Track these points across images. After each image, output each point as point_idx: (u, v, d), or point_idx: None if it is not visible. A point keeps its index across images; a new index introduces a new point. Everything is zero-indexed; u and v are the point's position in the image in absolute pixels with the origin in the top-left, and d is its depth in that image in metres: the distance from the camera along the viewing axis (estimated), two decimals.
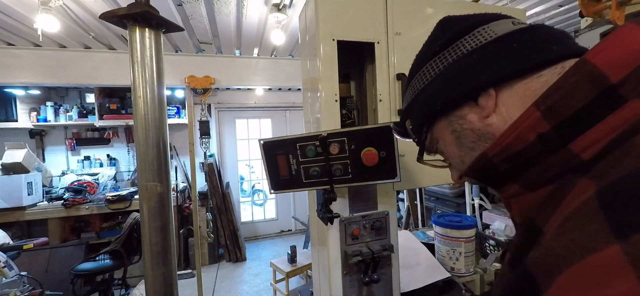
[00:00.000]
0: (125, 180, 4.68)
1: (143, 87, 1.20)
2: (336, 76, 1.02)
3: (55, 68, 3.31)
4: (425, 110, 0.49)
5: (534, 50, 0.40)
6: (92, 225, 4.11)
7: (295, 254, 3.29)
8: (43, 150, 4.46)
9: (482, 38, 0.44)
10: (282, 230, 5.85)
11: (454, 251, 1.54)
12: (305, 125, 1.27)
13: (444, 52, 0.47)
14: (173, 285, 1.31)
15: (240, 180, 5.68)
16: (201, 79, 3.63)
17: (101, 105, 4.25)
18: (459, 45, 0.45)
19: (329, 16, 1.01)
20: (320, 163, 0.92)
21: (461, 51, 0.45)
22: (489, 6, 1.25)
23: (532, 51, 0.40)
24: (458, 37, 0.46)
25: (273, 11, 2.66)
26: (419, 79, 0.50)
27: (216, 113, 5.30)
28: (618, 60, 0.33)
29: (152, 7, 1.18)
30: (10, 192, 3.56)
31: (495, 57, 0.42)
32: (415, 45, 1.11)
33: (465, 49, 0.44)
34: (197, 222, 3.61)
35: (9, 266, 2.29)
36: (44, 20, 2.19)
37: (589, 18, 1.61)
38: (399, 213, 4.10)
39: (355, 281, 1.07)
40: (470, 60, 0.43)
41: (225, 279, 4.13)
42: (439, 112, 0.48)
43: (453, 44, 0.46)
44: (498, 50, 0.42)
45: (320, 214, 1.00)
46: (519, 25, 0.43)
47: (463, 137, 0.46)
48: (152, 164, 1.22)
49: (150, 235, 1.24)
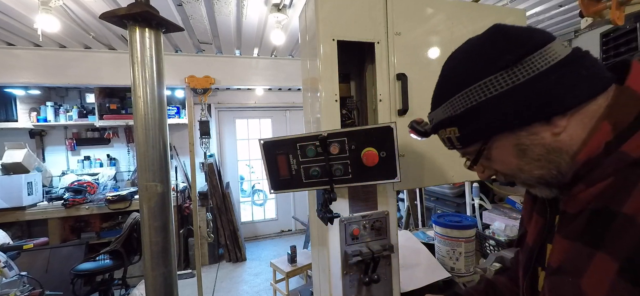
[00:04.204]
0: (125, 180, 4.68)
1: (143, 87, 1.20)
2: (336, 76, 1.02)
3: (55, 68, 3.30)
4: (498, 127, 0.51)
5: (599, 77, 0.48)
6: (92, 225, 4.12)
7: (295, 254, 3.29)
8: (43, 150, 4.46)
9: (550, 59, 0.47)
10: (282, 230, 5.85)
11: (454, 251, 1.54)
12: (305, 125, 1.27)
13: (513, 68, 0.48)
14: (173, 285, 1.31)
15: (240, 180, 5.68)
16: (201, 79, 3.63)
17: (101, 105, 4.25)
18: (530, 62, 0.48)
19: (329, 16, 1.01)
20: (321, 163, 0.92)
21: (533, 70, 0.47)
22: (489, 6, 1.26)
23: (598, 79, 0.48)
24: (529, 53, 0.48)
25: (273, 11, 2.66)
26: (480, 89, 0.51)
27: (216, 113, 5.30)
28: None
29: (152, 7, 1.18)
30: (10, 192, 3.56)
31: (572, 81, 0.47)
32: (415, 45, 1.11)
33: (537, 68, 0.47)
34: (197, 222, 3.61)
35: (9, 266, 2.29)
36: (44, 20, 2.19)
37: (589, 18, 1.60)
38: (399, 213, 4.10)
39: (355, 281, 1.07)
40: (549, 81, 0.47)
41: (225, 279, 4.13)
42: (511, 127, 0.50)
43: (523, 60, 0.48)
44: (571, 74, 0.47)
45: (320, 214, 1.00)
46: (568, 47, 0.50)
47: (530, 150, 0.51)
48: (152, 164, 1.22)
49: (150, 235, 1.24)
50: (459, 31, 1.15)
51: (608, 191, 0.46)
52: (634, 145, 0.44)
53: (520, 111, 0.48)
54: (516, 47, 0.49)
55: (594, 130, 0.48)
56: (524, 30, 0.52)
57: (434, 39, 1.13)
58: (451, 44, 1.15)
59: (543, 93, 0.47)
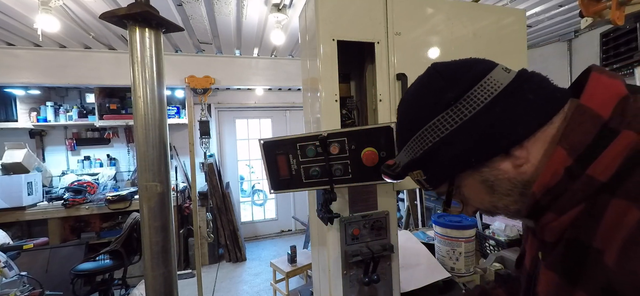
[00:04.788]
0: (125, 180, 4.68)
1: (143, 87, 1.20)
2: (336, 76, 1.02)
3: (55, 68, 3.31)
4: (456, 165, 0.50)
5: (548, 99, 0.47)
6: (92, 225, 4.12)
7: (295, 254, 3.29)
8: (43, 150, 4.46)
9: (491, 89, 0.47)
10: (282, 230, 5.85)
11: (454, 251, 1.54)
12: (305, 125, 1.27)
13: (457, 104, 0.48)
14: (173, 285, 1.31)
15: (240, 180, 5.68)
16: (201, 79, 3.63)
17: (101, 105, 4.25)
18: (472, 97, 0.47)
19: (329, 16, 1.01)
20: (320, 163, 0.92)
21: (477, 103, 0.47)
22: (489, 6, 1.26)
23: (547, 101, 0.47)
24: (469, 88, 0.47)
25: (273, 11, 2.66)
26: (430, 132, 0.50)
27: (216, 113, 5.30)
28: (604, 102, 0.44)
29: (152, 7, 1.18)
30: (10, 192, 3.56)
31: (520, 109, 0.46)
32: (415, 45, 1.11)
33: (481, 102, 0.46)
34: (197, 222, 3.61)
35: (9, 266, 2.29)
36: (44, 20, 2.19)
37: (589, 18, 1.60)
38: (399, 213, 4.11)
39: (355, 281, 1.07)
40: (496, 114, 0.46)
41: (225, 279, 4.13)
42: (470, 165, 0.49)
43: (465, 96, 0.47)
44: (518, 102, 0.46)
45: (320, 214, 1.00)
46: (508, 70, 0.49)
47: (497, 186, 0.50)
48: (152, 164, 1.22)
49: (150, 235, 1.24)
50: (459, 31, 1.15)
51: (580, 219, 0.44)
52: (599, 169, 0.42)
53: (474, 148, 0.48)
54: (454, 84, 0.49)
55: (548, 157, 0.46)
56: (461, 65, 0.51)
57: (434, 39, 1.13)
58: (451, 44, 1.16)
59: (492, 126, 0.46)
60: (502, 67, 0.49)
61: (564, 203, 0.45)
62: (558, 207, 0.46)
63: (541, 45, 3.99)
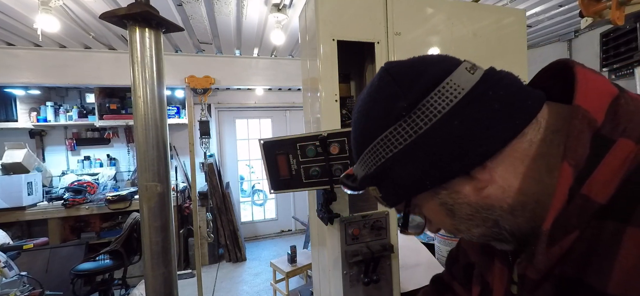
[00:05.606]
0: (125, 180, 4.68)
1: (143, 87, 1.20)
2: (336, 76, 1.02)
3: (55, 68, 3.31)
4: (410, 187, 0.42)
5: (516, 108, 0.39)
6: (92, 225, 4.12)
7: (295, 254, 3.29)
8: (43, 150, 4.46)
9: (451, 96, 0.38)
10: (282, 230, 5.85)
11: None
12: (305, 125, 1.27)
13: (410, 115, 0.39)
14: (173, 285, 1.31)
15: (240, 180, 5.68)
16: (201, 79, 3.63)
17: (101, 105, 4.25)
18: (427, 106, 0.39)
19: (329, 16, 1.01)
20: (320, 163, 0.92)
21: (434, 114, 0.38)
22: (489, 6, 1.26)
23: (515, 110, 0.39)
24: (424, 96, 0.39)
25: (273, 11, 2.66)
26: (381, 147, 0.42)
27: (216, 113, 5.30)
28: (598, 104, 0.37)
29: (152, 7, 1.18)
30: (10, 192, 3.56)
31: (482, 123, 0.38)
32: (415, 45, 1.11)
33: (438, 112, 0.38)
34: (197, 222, 3.61)
35: (9, 266, 2.29)
36: (44, 20, 2.19)
37: (589, 18, 1.60)
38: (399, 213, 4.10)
39: (355, 281, 1.07)
40: (454, 128, 0.38)
41: (225, 279, 4.13)
42: (425, 187, 0.42)
43: (419, 105, 0.39)
44: (480, 114, 0.38)
45: (320, 214, 1.00)
46: (473, 69, 0.41)
47: (457, 209, 0.43)
48: (152, 164, 1.22)
49: (150, 235, 1.24)
50: (459, 31, 1.15)
51: (576, 251, 0.36)
52: (596, 188, 0.34)
53: (429, 169, 0.40)
54: (407, 90, 0.40)
55: (556, 178, 0.36)
56: (415, 66, 0.43)
57: (434, 39, 1.13)
58: (451, 44, 1.16)
59: (450, 142, 0.38)
60: (466, 67, 0.40)
61: (554, 231, 0.36)
62: (550, 238, 0.37)
63: (541, 46, 3.99)
